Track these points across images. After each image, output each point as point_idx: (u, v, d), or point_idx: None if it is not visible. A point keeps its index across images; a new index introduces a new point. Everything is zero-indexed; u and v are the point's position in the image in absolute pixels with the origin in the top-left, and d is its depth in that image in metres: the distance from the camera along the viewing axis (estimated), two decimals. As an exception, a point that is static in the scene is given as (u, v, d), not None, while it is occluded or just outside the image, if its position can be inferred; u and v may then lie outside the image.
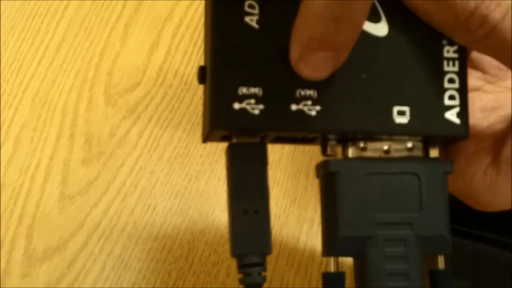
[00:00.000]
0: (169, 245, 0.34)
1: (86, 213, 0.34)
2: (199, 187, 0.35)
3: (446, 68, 0.21)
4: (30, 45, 0.39)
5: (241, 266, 0.20)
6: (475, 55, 0.25)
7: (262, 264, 0.20)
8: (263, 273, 0.21)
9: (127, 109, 0.37)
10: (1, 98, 0.37)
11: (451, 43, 0.21)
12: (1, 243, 0.32)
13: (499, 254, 0.34)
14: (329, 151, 0.21)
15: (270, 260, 0.35)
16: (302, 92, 0.20)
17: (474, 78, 0.25)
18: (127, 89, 0.38)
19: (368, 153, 0.21)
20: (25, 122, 0.36)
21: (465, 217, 0.32)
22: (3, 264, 0.32)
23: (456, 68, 0.21)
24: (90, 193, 0.34)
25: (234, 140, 0.21)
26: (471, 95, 0.23)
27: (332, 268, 0.21)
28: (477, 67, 0.25)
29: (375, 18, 0.21)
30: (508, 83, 0.24)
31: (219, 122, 0.20)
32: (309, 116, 0.20)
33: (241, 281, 0.21)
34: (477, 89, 0.25)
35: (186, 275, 0.33)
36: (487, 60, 0.25)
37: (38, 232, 0.33)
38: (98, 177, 0.35)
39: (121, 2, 0.41)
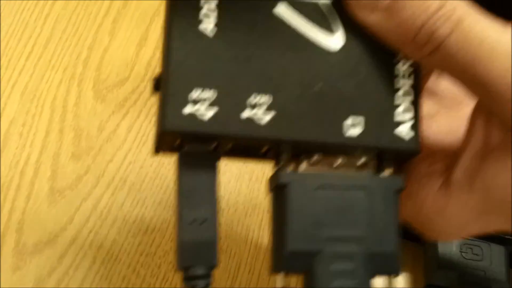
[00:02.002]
0: (159, 239, 0.34)
1: (76, 207, 0.34)
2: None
3: (400, 83, 0.21)
4: (18, 41, 0.39)
5: (186, 279, 0.20)
6: (430, 83, 0.25)
7: (207, 277, 0.20)
8: (209, 286, 0.20)
9: (116, 104, 0.38)
10: (-10, 93, 0.37)
11: (406, 58, 0.21)
12: (-8, 237, 0.32)
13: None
14: (281, 164, 0.21)
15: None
16: (254, 100, 0.20)
17: (430, 104, 0.25)
18: (116, 84, 0.38)
19: (320, 168, 0.21)
20: (14, 117, 0.36)
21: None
22: None
23: (410, 82, 0.21)
24: (79, 187, 0.35)
25: (186, 149, 0.21)
26: (426, 119, 0.23)
27: (280, 285, 0.21)
28: (433, 94, 0.25)
29: (331, 30, 0.21)
30: (462, 113, 0.24)
31: (170, 125, 0.20)
32: (260, 124, 0.20)
33: None
34: (432, 115, 0.25)
35: (175, 268, 0.34)
36: (442, 87, 0.25)
37: (28, 226, 0.33)
38: (87, 171, 0.35)
39: (109, -2, 0.41)
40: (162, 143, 0.21)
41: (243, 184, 0.37)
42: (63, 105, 0.37)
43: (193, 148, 0.21)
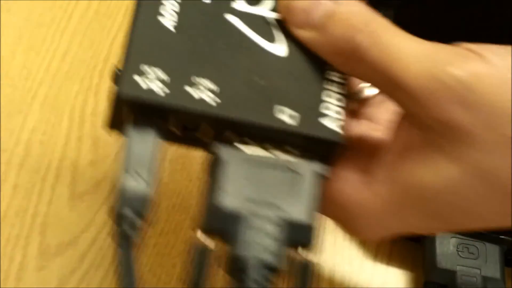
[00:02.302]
0: (173, 240, 0.36)
1: (95, 211, 0.36)
2: (200, 186, 0.38)
3: (330, 85, 0.25)
4: (37, 54, 0.41)
5: (116, 222, 0.23)
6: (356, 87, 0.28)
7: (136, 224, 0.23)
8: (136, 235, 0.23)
9: (130, 113, 0.40)
10: (12, 104, 0.39)
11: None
12: (18, 239, 0.35)
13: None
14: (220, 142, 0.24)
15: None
16: (203, 84, 0.24)
17: (356, 104, 0.28)
18: (130, 95, 0.40)
19: (254, 149, 0.25)
20: (34, 126, 0.38)
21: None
22: (19, 259, 0.34)
23: (339, 86, 0.25)
24: (98, 192, 0.37)
25: (137, 122, 0.24)
26: (352, 116, 0.27)
27: (202, 243, 0.24)
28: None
29: (273, 38, 0.25)
30: (385, 113, 0.27)
31: (126, 94, 0.23)
32: (206, 103, 0.24)
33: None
34: (358, 113, 0.28)
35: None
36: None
37: (51, 229, 0.35)
38: (105, 177, 0.37)
39: (122, 12, 0.43)
40: (116, 117, 0.24)
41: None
42: (80, 115, 0.39)
43: (144, 122, 0.24)
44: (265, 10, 0.26)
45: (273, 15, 0.25)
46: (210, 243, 0.24)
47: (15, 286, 0.34)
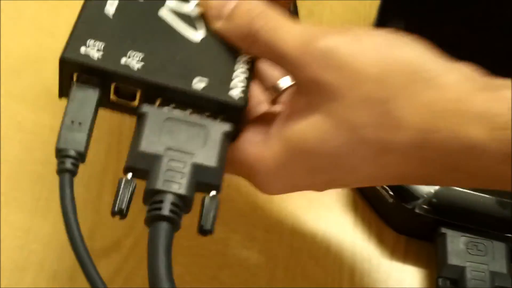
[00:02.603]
0: (209, 244, 0.40)
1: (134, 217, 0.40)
2: (230, 192, 0.42)
3: (239, 65, 0.32)
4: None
5: (58, 159, 0.29)
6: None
7: (76, 160, 0.29)
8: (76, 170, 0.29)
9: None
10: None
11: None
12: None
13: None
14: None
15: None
16: (132, 54, 0.30)
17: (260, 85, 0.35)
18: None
19: (174, 111, 0.30)
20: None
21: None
22: (72, 262, 0.38)
23: (246, 66, 0.32)
24: (138, 200, 0.40)
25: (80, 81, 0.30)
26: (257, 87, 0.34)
27: (127, 177, 0.29)
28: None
29: (195, 28, 0.32)
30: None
31: (69, 56, 0.30)
32: (134, 69, 0.30)
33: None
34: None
35: (223, 267, 0.40)
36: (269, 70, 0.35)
37: (98, 234, 0.39)
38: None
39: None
40: (63, 80, 0.30)
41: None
42: (119, 131, 0.43)
43: (84, 83, 0.30)
44: (191, 6, 0.33)
45: (196, 11, 0.33)
46: (130, 176, 0.30)
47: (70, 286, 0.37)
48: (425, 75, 0.28)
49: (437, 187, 0.40)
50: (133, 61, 0.30)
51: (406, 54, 0.29)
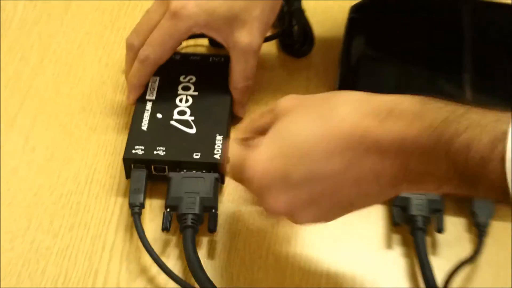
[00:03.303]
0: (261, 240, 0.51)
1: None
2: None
3: (218, 139, 0.53)
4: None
5: None
6: None
7: None
8: None
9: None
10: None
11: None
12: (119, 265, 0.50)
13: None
14: None
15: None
16: (159, 148, 0.53)
17: None
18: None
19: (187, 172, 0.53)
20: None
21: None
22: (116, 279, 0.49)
23: (222, 138, 0.54)
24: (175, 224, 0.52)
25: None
26: None
27: (167, 210, 0.50)
28: None
29: (191, 128, 0.55)
30: None
31: (127, 157, 0.56)
32: (161, 155, 0.52)
33: None
34: None
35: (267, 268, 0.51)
36: None
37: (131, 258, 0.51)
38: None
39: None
40: (126, 168, 0.53)
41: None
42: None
43: (138, 167, 0.52)
44: (187, 116, 0.54)
45: (189, 118, 0.54)
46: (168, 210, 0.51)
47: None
48: None
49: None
50: (160, 152, 0.52)
51: None
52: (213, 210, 0.50)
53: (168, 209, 0.50)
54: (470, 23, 0.61)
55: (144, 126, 0.53)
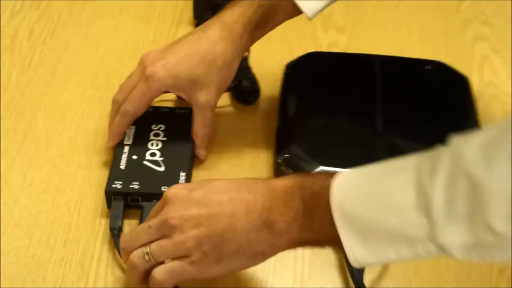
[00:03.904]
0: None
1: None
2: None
3: (181, 174, 0.67)
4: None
5: None
6: None
7: None
8: None
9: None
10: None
11: None
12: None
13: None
14: None
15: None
16: (135, 182, 0.66)
17: None
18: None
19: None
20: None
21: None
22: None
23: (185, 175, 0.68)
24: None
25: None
26: None
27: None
28: None
29: (160, 166, 0.69)
30: None
31: (108, 190, 0.66)
32: (136, 188, 0.66)
33: None
34: None
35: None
36: None
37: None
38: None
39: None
40: (108, 200, 0.66)
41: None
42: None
43: (117, 198, 0.65)
44: (157, 157, 0.67)
45: (159, 159, 0.67)
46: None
47: None
48: None
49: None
50: (135, 186, 0.64)
51: None
52: None
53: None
54: (380, 75, 0.76)
55: (122, 166, 0.66)
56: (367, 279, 0.60)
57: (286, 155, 0.68)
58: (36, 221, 0.65)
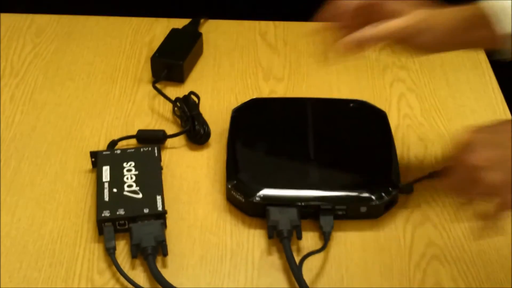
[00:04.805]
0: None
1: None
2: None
3: (158, 198, 0.80)
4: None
5: None
6: None
7: None
8: None
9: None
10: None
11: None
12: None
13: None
14: None
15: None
16: (120, 209, 0.79)
17: None
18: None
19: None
20: (81, 221, 0.79)
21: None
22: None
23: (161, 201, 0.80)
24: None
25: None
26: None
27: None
28: None
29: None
30: None
31: (99, 219, 0.79)
32: (122, 214, 0.78)
33: None
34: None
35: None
36: None
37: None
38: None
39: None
40: (100, 227, 0.78)
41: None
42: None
43: (107, 225, 0.77)
44: (135, 188, 0.80)
45: (135, 188, 0.80)
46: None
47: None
48: None
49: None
50: (121, 212, 0.76)
51: None
52: (163, 242, 0.75)
53: (134, 247, 0.75)
54: (312, 114, 0.90)
55: (106, 198, 0.78)
56: (306, 278, 0.73)
57: (235, 182, 0.81)
58: (25, 249, 0.76)
